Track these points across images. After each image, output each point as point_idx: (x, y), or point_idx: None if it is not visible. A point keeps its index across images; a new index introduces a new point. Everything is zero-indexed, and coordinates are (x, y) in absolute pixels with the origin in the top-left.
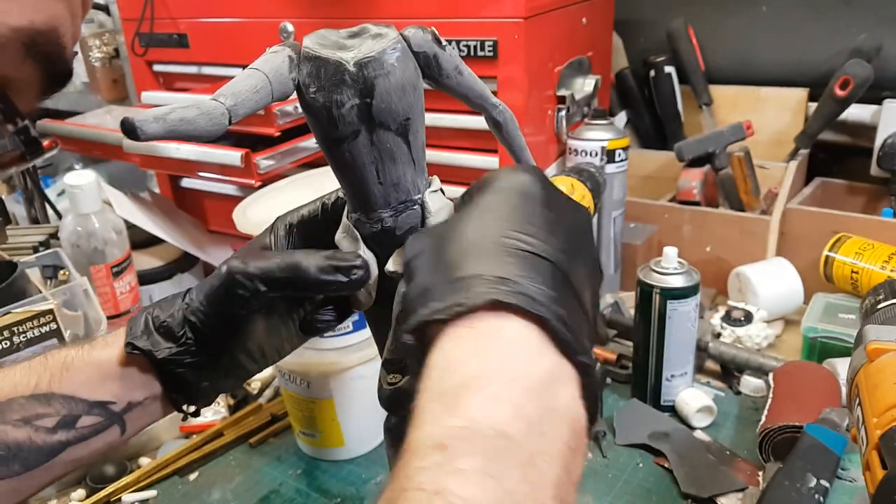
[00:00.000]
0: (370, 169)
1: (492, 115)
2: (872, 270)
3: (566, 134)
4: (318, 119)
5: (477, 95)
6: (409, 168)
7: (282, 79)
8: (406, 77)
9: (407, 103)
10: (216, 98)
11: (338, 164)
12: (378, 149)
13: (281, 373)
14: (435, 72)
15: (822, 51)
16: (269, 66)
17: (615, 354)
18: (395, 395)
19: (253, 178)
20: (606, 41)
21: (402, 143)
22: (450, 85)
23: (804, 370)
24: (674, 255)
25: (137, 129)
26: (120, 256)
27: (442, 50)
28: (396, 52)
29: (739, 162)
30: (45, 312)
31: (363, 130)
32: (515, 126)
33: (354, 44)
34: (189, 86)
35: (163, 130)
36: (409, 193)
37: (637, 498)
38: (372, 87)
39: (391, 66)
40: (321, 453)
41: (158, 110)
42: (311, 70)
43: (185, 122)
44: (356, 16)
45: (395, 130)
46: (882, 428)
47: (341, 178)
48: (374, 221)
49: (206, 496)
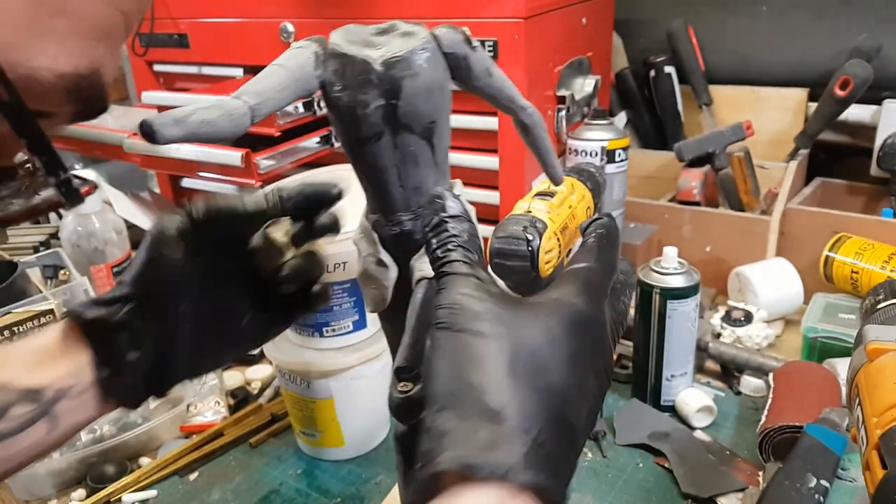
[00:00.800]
0: (392, 171)
1: (520, 118)
2: (872, 270)
3: (566, 134)
4: (341, 118)
5: (506, 98)
6: (431, 172)
7: (307, 76)
8: (434, 79)
9: (433, 106)
10: (238, 97)
11: (359, 164)
12: (401, 151)
13: (281, 373)
14: (465, 73)
15: (822, 51)
16: (294, 62)
17: (615, 354)
18: (405, 404)
19: (253, 178)
20: (606, 41)
21: (426, 146)
22: (479, 87)
23: (804, 370)
24: (674, 255)
25: (156, 132)
26: (120, 256)
27: (473, 51)
28: (426, 53)
29: (739, 162)
30: (45, 312)
31: (387, 132)
32: (543, 129)
33: (383, 41)
34: (189, 86)
35: (183, 133)
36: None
37: (637, 498)
38: (398, 89)
39: (420, 67)
40: (321, 453)
41: (178, 112)
42: (336, 67)
43: (206, 123)
44: (356, 16)
45: (419, 133)
46: (882, 428)
47: (362, 178)
48: (394, 224)
49: (206, 496)
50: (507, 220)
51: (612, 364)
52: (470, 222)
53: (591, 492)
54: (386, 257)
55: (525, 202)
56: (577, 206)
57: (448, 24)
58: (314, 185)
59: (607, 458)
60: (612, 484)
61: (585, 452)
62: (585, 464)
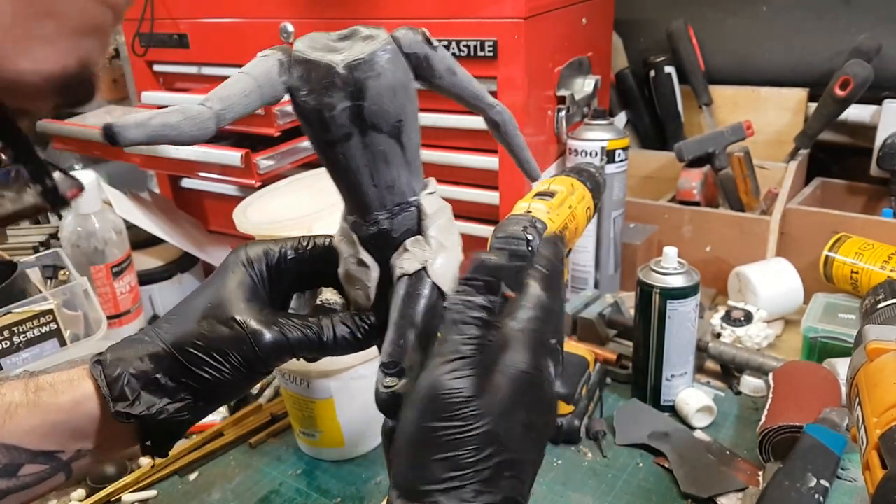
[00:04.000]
0: (364, 171)
1: (489, 116)
2: (872, 270)
3: (566, 134)
4: (309, 122)
5: (472, 96)
6: (403, 170)
7: (271, 82)
8: (397, 79)
9: (399, 105)
10: (204, 103)
11: (332, 166)
12: (371, 151)
13: (281, 373)
14: (427, 73)
15: (822, 51)
16: (258, 69)
17: (615, 354)
18: (391, 399)
19: (253, 178)
20: (606, 41)
21: (396, 144)
22: (443, 86)
23: (804, 370)
24: (674, 255)
25: (117, 134)
26: (120, 256)
27: (433, 51)
28: (387, 54)
29: (739, 162)
30: (45, 312)
31: (356, 133)
32: (514, 126)
33: (345, 46)
34: (189, 86)
35: (144, 136)
36: (405, 195)
37: (637, 498)
38: (363, 90)
39: (382, 68)
40: (321, 453)
41: (140, 115)
42: (301, 73)
43: (167, 126)
44: (356, 16)
45: (387, 132)
46: (882, 428)
47: (336, 180)
48: (371, 224)
49: (206, 496)
50: (507, 220)
51: (557, 412)
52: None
53: (590, 492)
54: (367, 257)
55: (525, 202)
56: (577, 206)
57: (407, 26)
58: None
59: (607, 458)
60: (612, 484)
61: (585, 453)
62: (585, 464)
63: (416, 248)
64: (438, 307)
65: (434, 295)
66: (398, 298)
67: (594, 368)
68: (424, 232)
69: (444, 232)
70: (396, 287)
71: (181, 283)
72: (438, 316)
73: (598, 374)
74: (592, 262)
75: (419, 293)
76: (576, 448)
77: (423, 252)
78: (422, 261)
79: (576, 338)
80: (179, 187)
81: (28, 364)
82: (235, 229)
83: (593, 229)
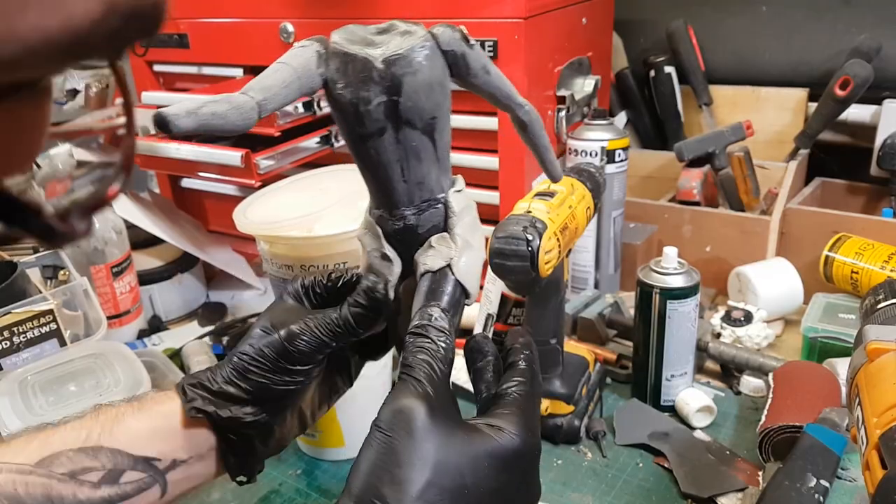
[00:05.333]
0: (395, 166)
1: (518, 116)
2: (872, 270)
3: (566, 134)
4: (344, 115)
5: (504, 95)
6: (433, 167)
7: (309, 74)
8: (434, 75)
9: (434, 102)
10: (245, 92)
11: (363, 160)
12: (404, 146)
13: None
14: (463, 71)
15: (822, 51)
16: (297, 60)
17: (615, 354)
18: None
19: (253, 179)
20: (606, 41)
21: (428, 141)
22: (477, 84)
23: (804, 370)
24: (674, 255)
25: (170, 122)
26: (120, 256)
27: (470, 49)
28: (425, 51)
29: (739, 162)
30: (45, 312)
31: (389, 128)
32: (541, 127)
33: (383, 40)
34: (189, 86)
35: (195, 124)
36: (433, 192)
37: (637, 498)
38: (399, 85)
39: (419, 64)
40: (321, 453)
41: (190, 104)
42: (339, 66)
43: (216, 116)
44: (356, 16)
45: (421, 129)
46: (882, 428)
47: (366, 173)
48: (397, 219)
49: (206, 496)
50: (507, 220)
51: (539, 495)
52: (449, 338)
53: (590, 492)
54: (390, 252)
55: (525, 202)
56: (577, 206)
57: (446, 24)
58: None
59: (607, 458)
60: (612, 484)
61: (585, 453)
62: (585, 464)
63: (441, 245)
64: (461, 305)
65: (457, 292)
66: (421, 294)
67: (594, 368)
68: (451, 230)
69: (470, 230)
70: (420, 283)
71: (181, 283)
72: (460, 314)
73: (598, 374)
74: (592, 262)
75: (442, 290)
76: (576, 448)
77: (449, 249)
78: (447, 258)
79: (576, 338)
80: (179, 187)
81: (28, 364)
82: (235, 229)
83: (593, 229)
